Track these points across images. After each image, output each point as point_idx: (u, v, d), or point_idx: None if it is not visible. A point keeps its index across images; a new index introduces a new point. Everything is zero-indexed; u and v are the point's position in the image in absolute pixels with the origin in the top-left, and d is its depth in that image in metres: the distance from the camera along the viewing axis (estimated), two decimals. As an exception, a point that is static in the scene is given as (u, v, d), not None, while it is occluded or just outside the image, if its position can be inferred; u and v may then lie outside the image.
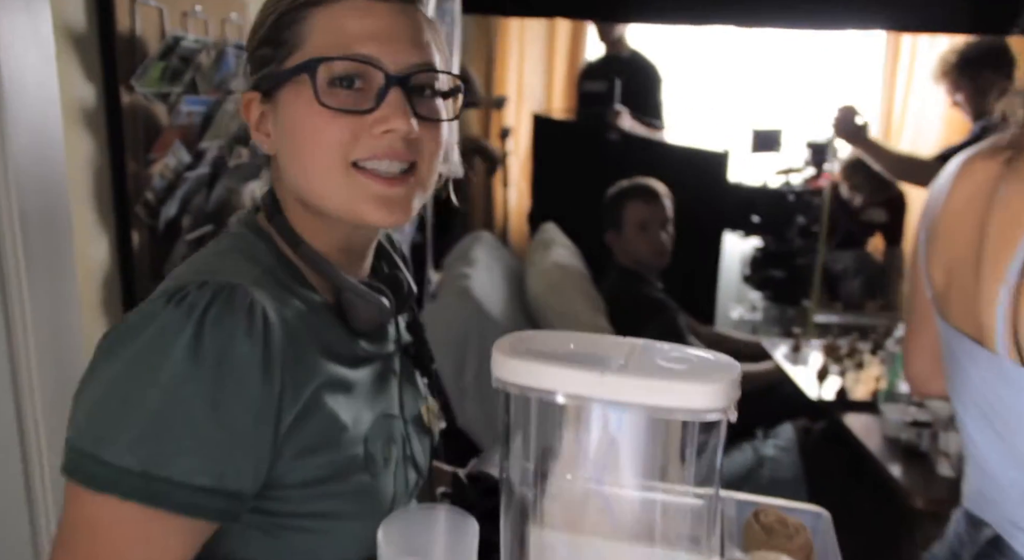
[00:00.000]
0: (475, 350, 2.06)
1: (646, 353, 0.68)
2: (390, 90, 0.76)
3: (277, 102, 0.79)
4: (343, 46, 0.75)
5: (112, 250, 1.39)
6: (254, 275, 0.75)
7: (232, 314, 0.68)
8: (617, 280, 2.52)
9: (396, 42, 0.77)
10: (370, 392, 0.84)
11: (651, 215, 2.48)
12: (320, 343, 0.77)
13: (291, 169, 0.80)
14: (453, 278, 2.23)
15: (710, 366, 0.66)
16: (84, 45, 1.29)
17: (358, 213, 0.78)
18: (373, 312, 0.83)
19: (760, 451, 2.32)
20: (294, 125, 0.77)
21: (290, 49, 0.78)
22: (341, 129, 0.76)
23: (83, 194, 1.32)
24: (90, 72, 1.31)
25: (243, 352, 0.68)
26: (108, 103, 1.35)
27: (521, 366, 0.65)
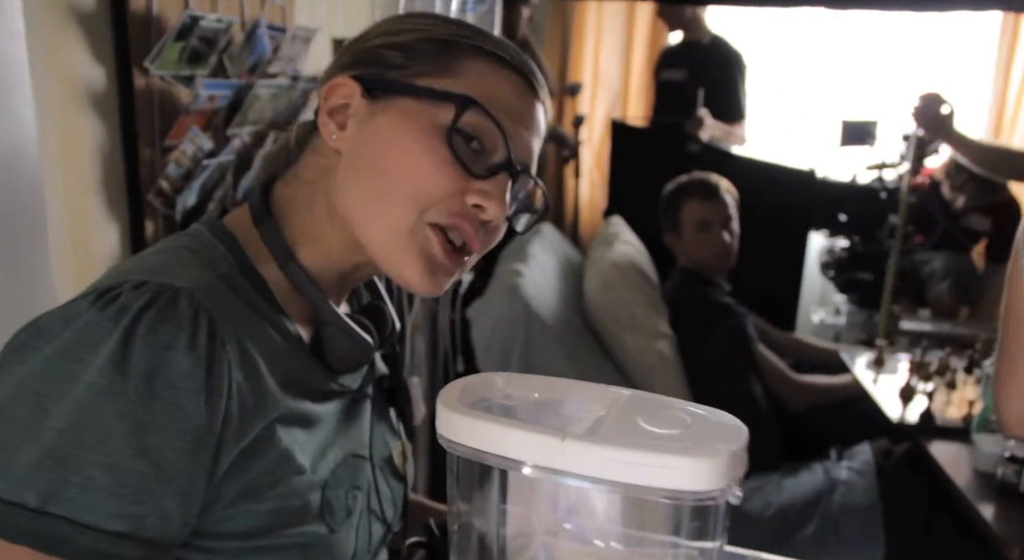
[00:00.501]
0: (521, 353, 1.93)
1: (628, 410, 0.55)
2: (504, 171, 0.69)
3: (384, 106, 0.70)
4: (490, 107, 0.68)
5: (124, 240, 1.32)
6: (207, 279, 0.64)
7: (172, 322, 0.58)
8: (679, 282, 2.35)
9: (528, 135, 0.72)
10: (337, 429, 0.73)
11: (711, 214, 2.30)
12: (282, 370, 0.67)
13: (354, 182, 0.70)
14: (504, 274, 2.11)
15: (708, 431, 0.52)
16: (93, 24, 1.21)
17: (402, 267, 0.70)
18: (354, 351, 0.73)
19: (832, 473, 2.12)
20: (394, 140, 0.68)
21: (426, 71, 0.70)
22: (444, 180, 0.68)
23: (91, 181, 1.25)
24: (100, 53, 1.24)
25: (181, 369, 0.57)
26: (121, 86, 1.28)
27: (466, 424, 0.54)
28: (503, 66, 0.71)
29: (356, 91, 0.71)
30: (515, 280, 2.02)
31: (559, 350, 1.96)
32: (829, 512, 2.03)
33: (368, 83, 0.70)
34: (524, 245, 2.37)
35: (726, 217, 2.32)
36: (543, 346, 1.94)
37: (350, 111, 0.71)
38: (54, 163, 1.17)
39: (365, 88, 0.70)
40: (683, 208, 2.32)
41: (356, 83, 0.71)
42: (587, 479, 0.50)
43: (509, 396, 0.58)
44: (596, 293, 2.12)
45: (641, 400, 0.57)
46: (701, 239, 2.30)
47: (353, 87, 0.71)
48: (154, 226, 1.36)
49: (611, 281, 2.09)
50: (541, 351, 1.95)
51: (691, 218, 2.31)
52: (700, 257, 2.31)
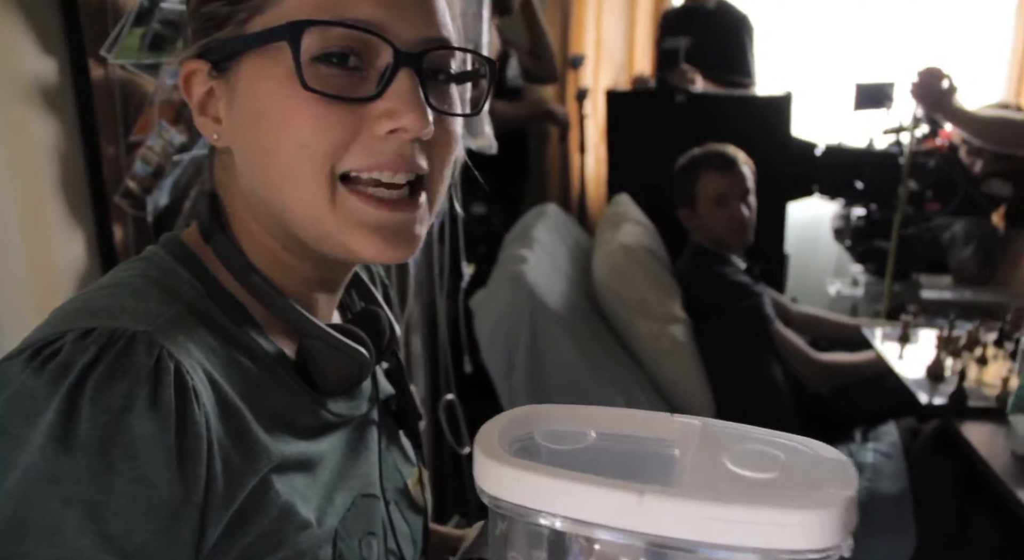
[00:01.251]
0: (527, 345, 1.83)
1: (707, 447, 0.45)
2: (399, 72, 0.55)
3: (234, 77, 0.57)
4: (336, 7, 0.54)
5: (90, 248, 1.23)
6: (169, 315, 0.53)
7: (128, 377, 0.47)
8: (692, 261, 2.24)
9: (408, 6, 0.56)
10: (341, 467, 0.63)
11: (728, 187, 2.18)
12: (271, 410, 0.56)
13: (252, 171, 0.58)
14: (508, 261, 2.01)
15: (809, 471, 0.43)
16: (40, 12, 1.11)
17: (347, 246, 0.58)
18: (349, 367, 0.62)
19: (858, 457, 2.02)
20: (260, 112, 0.56)
21: (256, 6, 0.56)
22: (330, 127, 0.55)
23: (49, 186, 1.15)
24: (50, 44, 1.13)
25: (142, 434, 0.47)
26: (75, 79, 1.17)
27: (515, 477, 0.43)
28: None
29: (204, 70, 0.59)
30: (519, 267, 1.92)
31: (568, 339, 1.86)
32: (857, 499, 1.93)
33: (211, 55, 0.58)
34: (529, 228, 2.26)
35: (744, 190, 2.20)
36: (551, 335, 1.84)
37: (215, 98, 0.59)
38: (4, 169, 1.07)
39: (212, 63, 0.58)
40: (699, 181, 2.20)
41: (201, 61, 0.59)
42: (675, 543, 0.40)
43: (558, 436, 0.48)
44: (605, 277, 2.02)
45: (716, 432, 0.47)
46: (718, 214, 2.18)
47: (199, 68, 0.59)
48: (123, 231, 1.26)
49: (620, 264, 1.99)
50: (548, 341, 1.85)
51: (707, 192, 2.19)
52: (716, 233, 2.20)
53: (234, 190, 0.62)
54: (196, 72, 0.60)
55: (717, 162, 2.20)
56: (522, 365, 1.85)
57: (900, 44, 3.53)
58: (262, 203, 0.60)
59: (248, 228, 0.62)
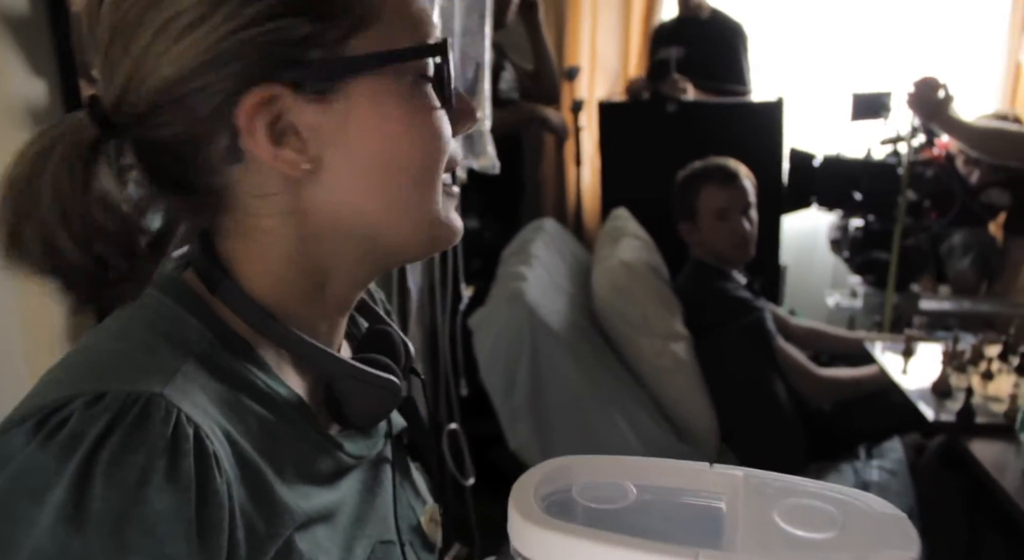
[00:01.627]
0: (528, 365, 1.80)
1: (754, 502, 0.42)
2: (453, 81, 0.60)
3: (342, 101, 0.53)
4: (424, 27, 0.57)
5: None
6: (184, 371, 0.49)
7: (144, 448, 0.44)
8: (693, 277, 2.21)
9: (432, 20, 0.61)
10: (359, 512, 0.60)
11: (729, 201, 2.16)
12: (291, 463, 0.53)
13: (365, 194, 0.55)
14: (506, 278, 1.98)
15: (869, 530, 0.40)
16: (29, 33, 1.08)
17: (450, 235, 0.62)
18: (383, 399, 0.60)
19: (863, 475, 2.00)
20: (396, 132, 0.54)
21: (354, 25, 0.53)
22: (446, 132, 0.59)
23: (38, 210, 1.12)
24: (39, 65, 1.10)
25: (161, 508, 0.44)
26: (66, 100, 1.14)
27: (559, 543, 0.40)
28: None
29: (283, 95, 0.52)
30: (518, 285, 1.89)
31: (568, 358, 1.83)
32: None
33: (293, 78, 0.52)
34: (527, 245, 2.23)
35: (746, 204, 2.18)
36: (551, 355, 1.81)
37: (292, 124, 0.53)
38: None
39: (292, 85, 0.52)
40: (700, 195, 2.18)
41: (276, 86, 0.52)
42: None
43: (597, 493, 0.45)
44: (605, 294, 1.99)
45: (761, 484, 0.44)
46: (719, 228, 2.16)
47: (277, 93, 0.52)
48: (115, 254, 1.22)
49: (620, 281, 1.96)
50: (549, 360, 1.81)
51: (709, 206, 2.16)
52: (718, 248, 2.18)
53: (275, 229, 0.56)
54: (271, 99, 0.52)
55: (719, 176, 2.18)
56: (522, 384, 1.81)
57: (896, 54, 3.52)
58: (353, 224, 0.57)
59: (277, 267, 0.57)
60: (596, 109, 3.57)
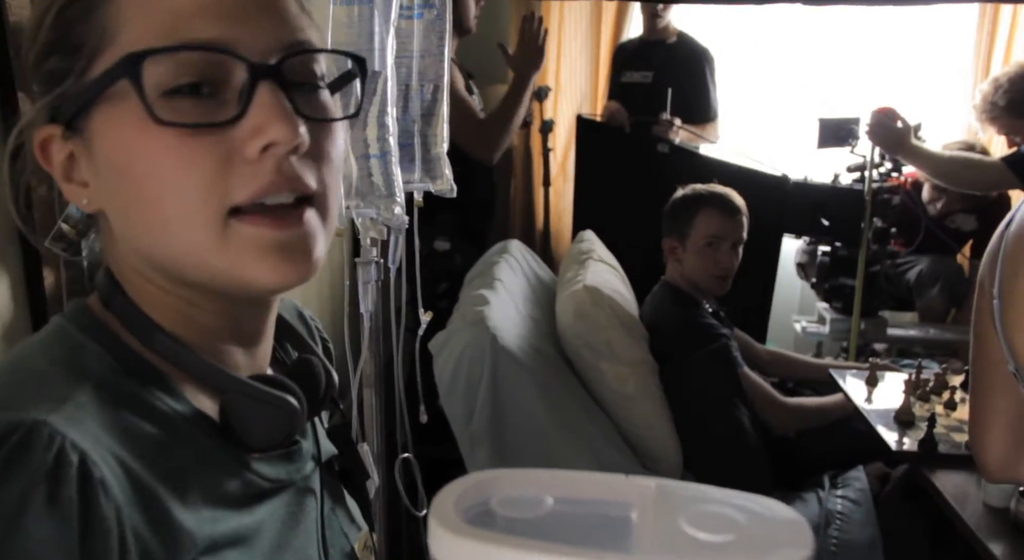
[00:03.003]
0: (488, 390, 1.76)
1: (663, 509, 0.45)
2: (259, 85, 0.50)
3: (88, 134, 0.52)
4: (175, 32, 0.49)
5: (16, 293, 1.14)
6: (76, 398, 0.48)
7: (22, 475, 0.43)
8: (660, 303, 2.19)
9: (255, 16, 0.52)
10: (278, 539, 0.57)
11: (725, 231, 2.14)
12: (196, 486, 0.51)
13: (129, 227, 0.54)
14: (468, 302, 1.94)
15: (765, 532, 0.43)
16: (-37, 42, 1.03)
17: (242, 278, 0.53)
18: (277, 420, 0.57)
19: (827, 504, 1.97)
20: (123, 164, 0.51)
21: (92, 51, 0.51)
22: (199, 160, 0.50)
23: (-29, 228, 1.07)
24: (-25, 76, 1.05)
25: (40, 537, 0.42)
26: (3, 114, 1.09)
27: (471, 549, 0.41)
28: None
29: (58, 134, 0.54)
30: (480, 309, 1.85)
31: (530, 384, 1.80)
32: (826, 550, 1.88)
33: (61, 116, 0.54)
34: (491, 267, 2.20)
35: (738, 239, 2.17)
36: (512, 380, 1.77)
37: (76, 162, 0.55)
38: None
39: (65, 125, 0.54)
40: (697, 217, 2.16)
41: (52, 125, 0.55)
42: None
43: (516, 503, 0.47)
44: (569, 319, 1.96)
45: (672, 494, 0.46)
46: (706, 254, 2.14)
47: (53, 133, 0.55)
48: (55, 276, 1.17)
49: (585, 307, 1.93)
50: (510, 386, 1.78)
51: (703, 230, 2.15)
52: (697, 274, 2.16)
53: (117, 253, 0.58)
54: (50, 138, 0.55)
55: (721, 204, 2.16)
56: (482, 410, 1.78)
57: (864, 80, 3.56)
58: (146, 258, 0.56)
59: (143, 288, 0.58)
60: (567, 127, 3.57)
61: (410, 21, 1.24)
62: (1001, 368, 0.89)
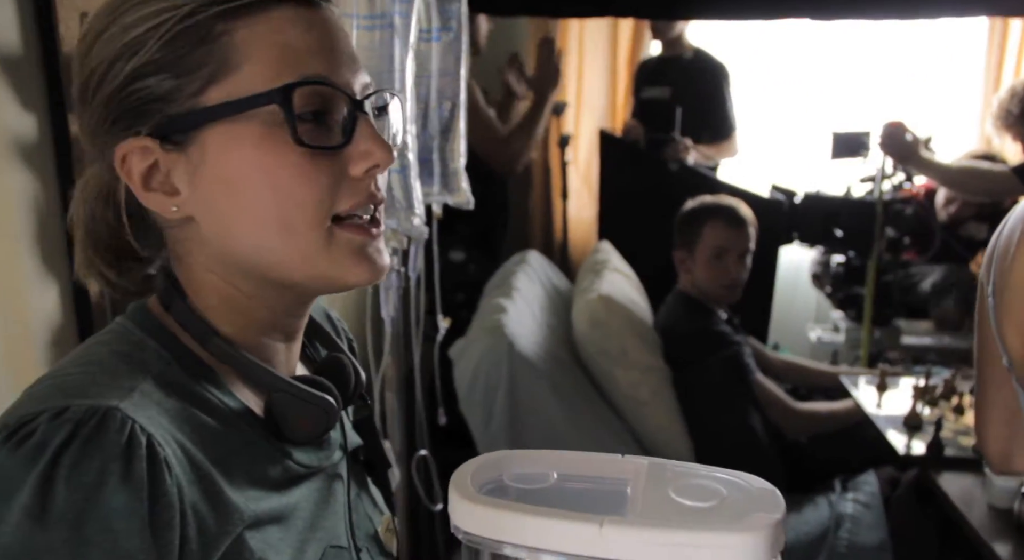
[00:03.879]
0: (506, 395, 1.83)
1: (654, 482, 0.51)
2: (359, 118, 0.60)
3: (198, 148, 0.59)
4: (296, 68, 0.58)
5: (64, 300, 1.22)
6: (141, 388, 0.55)
7: (100, 453, 0.49)
8: (675, 310, 2.25)
9: (344, 59, 0.61)
10: (311, 519, 0.64)
11: (731, 242, 2.21)
12: (243, 467, 0.58)
13: (233, 232, 0.60)
14: (487, 310, 2.01)
15: (744, 500, 0.49)
16: (21, 70, 1.12)
17: (342, 278, 0.62)
18: (316, 416, 0.64)
19: (838, 508, 2.02)
20: (239, 176, 0.58)
21: (209, 77, 0.58)
22: (318, 178, 0.59)
23: (24, 239, 1.15)
24: (30, 101, 1.14)
25: (117, 505, 0.49)
26: (55, 135, 1.18)
27: (489, 515, 0.48)
28: (269, 7, 0.59)
29: (152, 148, 0.59)
30: (498, 317, 1.93)
31: (547, 389, 1.86)
32: (836, 551, 1.93)
33: (158, 132, 0.59)
34: (509, 277, 2.27)
35: (745, 249, 2.23)
36: (529, 386, 1.84)
37: (166, 171, 0.60)
38: (-23, 223, 1.07)
39: (160, 139, 0.59)
40: (704, 229, 2.23)
41: (145, 139, 0.59)
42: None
43: (525, 477, 0.54)
44: (584, 327, 2.03)
45: (662, 469, 0.53)
46: (714, 265, 2.20)
47: (143, 145, 0.59)
48: (99, 284, 1.26)
49: (599, 315, 2.00)
50: (527, 391, 1.85)
51: (711, 241, 2.21)
52: (706, 284, 2.22)
53: (192, 256, 0.64)
54: (136, 150, 0.60)
55: (728, 215, 2.23)
56: (500, 415, 1.84)
57: (876, 94, 3.60)
58: (235, 260, 0.62)
59: (209, 288, 0.64)
60: (586, 142, 3.65)
61: (428, 43, 1.32)
62: (998, 363, 0.93)
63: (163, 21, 0.57)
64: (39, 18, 1.14)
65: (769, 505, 0.49)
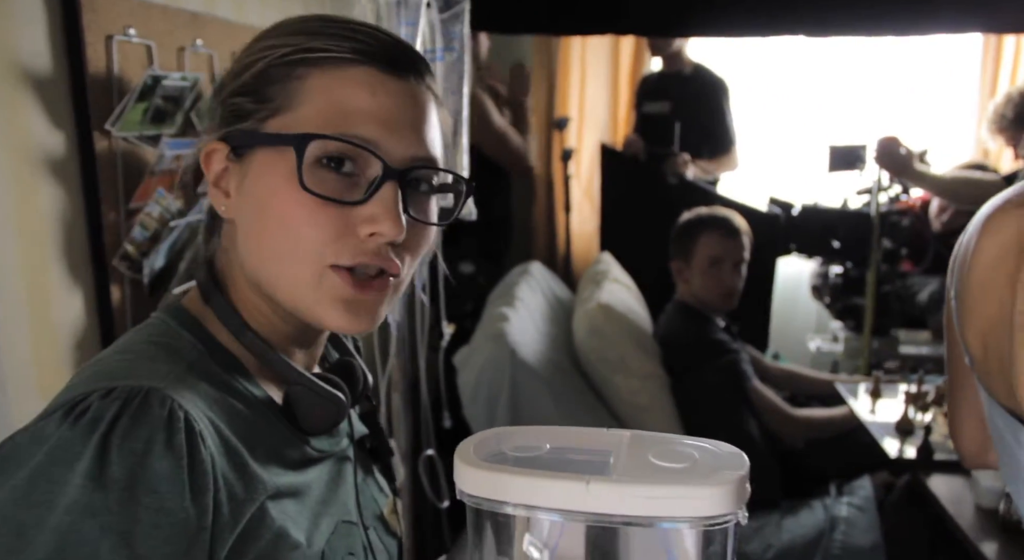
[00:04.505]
0: (508, 401, 1.89)
1: (635, 449, 0.58)
2: (385, 184, 0.64)
3: (248, 164, 0.67)
4: (341, 123, 0.64)
5: (88, 308, 1.29)
6: (176, 373, 0.63)
7: (146, 425, 0.56)
8: (673, 318, 2.31)
9: (402, 129, 0.66)
10: (324, 496, 0.72)
11: (726, 251, 2.27)
12: (265, 447, 0.66)
13: (250, 248, 0.68)
14: (490, 319, 2.08)
15: (713, 461, 0.56)
16: (50, 89, 1.19)
17: (318, 316, 0.67)
18: (328, 409, 0.71)
19: (833, 511, 2.07)
20: (263, 200, 0.66)
21: (276, 109, 0.66)
22: (323, 225, 0.64)
23: (52, 249, 1.22)
24: (58, 117, 1.21)
25: (162, 470, 0.56)
26: (81, 150, 1.25)
27: (490, 478, 0.55)
28: (349, 65, 0.66)
29: (224, 152, 0.68)
30: (501, 326, 1.99)
31: (547, 395, 1.92)
32: (831, 553, 1.98)
33: (231, 141, 0.68)
34: (512, 287, 2.34)
35: (740, 258, 2.29)
36: (530, 392, 1.90)
37: (227, 175, 0.69)
38: (10, 233, 1.14)
39: (232, 148, 0.68)
40: (699, 240, 2.29)
41: (223, 144, 0.68)
42: (615, 518, 0.53)
43: (521, 448, 0.60)
44: (584, 335, 2.09)
45: (642, 439, 0.60)
46: (710, 274, 2.27)
47: (220, 148, 0.69)
48: (121, 292, 1.33)
49: (599, 323, 2.06)
50: (528, 397, 1.91)
51: (706, 251, 2.28)
52: (703, 293, 2.28)
53: (233, 255, 0.72)
54: (216, 151, 0.69)
55: (722, 226, 2.29)
56: (502, 420, 1.90)
57: (873, 107, 3.67)
58: (253, 271, 0.69)
59: (243, 290, 0.72)
60: (589, 155, 3.72)
61: (432, 63, 1.39)
62: (963, 364, 0.96)
63: (265, 55, 0.67)
64: (68, 41, 1.21)
65: (735, 465, 0.55)
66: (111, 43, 1.26)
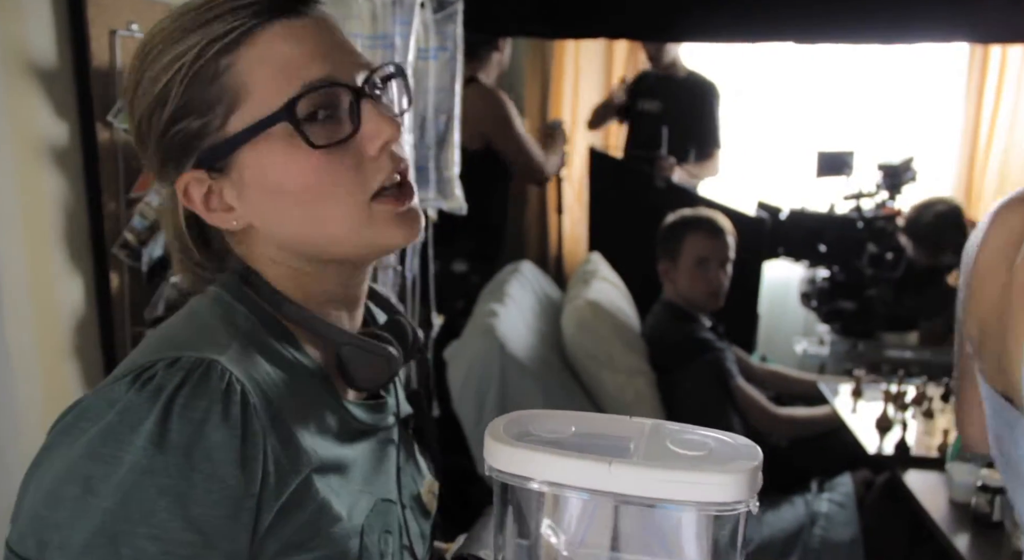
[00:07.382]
0: (496, 395, 1.93)
1: (655, 437, 0.61)
2: (361, 102, 0.68)
3: (237, 169, 0.69)
4: (295, 79, 0.66)
5: (88, 293, 1.33)
6: (233, 345, 0.67)
7: (206, 397, 0.61)
8: (660, 317, 2.36)
9: (337, 53, 0.69)
10: (367, 472, 0.75)
11: (711, 251, 2.32)
12: (312, 419, 0.70)
13: (286, 227, 0.71)
14: (480, 315, 2.12)
15: (729, 451, 0.59)
16: (55, 81, 1.24)
17: (385, 243, 0.72)
18: (381, 365, 0.75)
19: (813, 506, 2.12)
20: (280, 184, 0.68)
21: (228, 107, 0.67)
22: (343, 170, 0.68)
23: (53, 236, 1.26)
24: (62, 109, 1.26)
25: (217, 439, 0.60)
26: (84, 141, 1.29)
27: (516, 455, 0.58)
28: (260, 30, 0.66)
29: (203, 177, 0.69)
30: (490, 321, 2.03)
31: (535, 390, 1.96)
32: (810, 547, 2.02)
33: (203, 163, 0.68)
34: (502, 284, 2.38)
35: (725, 258, 2.34)
36: (519, 386, 1.94)
37: (219, 194, 0.70)
38: (13, 219, 1.18)
39: (207, 169, 0.69)
40: (685, 241, 2.34)
41: (196, 171, 0.69)
42: (635, 499, 0.56)
43: (548, 430, 0.63)
44: (573, 331, 2.13)
45: (662, 427, 0.62)
46: (696, 275, 2.31)
47: (196, 177, 0.69)
48: (119, 278, 1.37)
49: (587, 320, 2.10)
50: (517, 391, 1.95)
51: (691, 252, 2.32)
52: (690, 293, 2.33)
53: (257, 252, 0.74)
54: (191, 182, 0.69)
55: (707, 226, 2.34)
56: (491, 414, 1.94)
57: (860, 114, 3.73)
58: (293, 248, 0.72)
59: (275, 273, 0.74)
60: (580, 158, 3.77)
61: (426, 62, 1.44)
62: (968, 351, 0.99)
63: (177, 70, 0.66)
64: (73, 35, 1.25)
65: (749, 455, 0.58)
66: (114, 38, 1.31)
